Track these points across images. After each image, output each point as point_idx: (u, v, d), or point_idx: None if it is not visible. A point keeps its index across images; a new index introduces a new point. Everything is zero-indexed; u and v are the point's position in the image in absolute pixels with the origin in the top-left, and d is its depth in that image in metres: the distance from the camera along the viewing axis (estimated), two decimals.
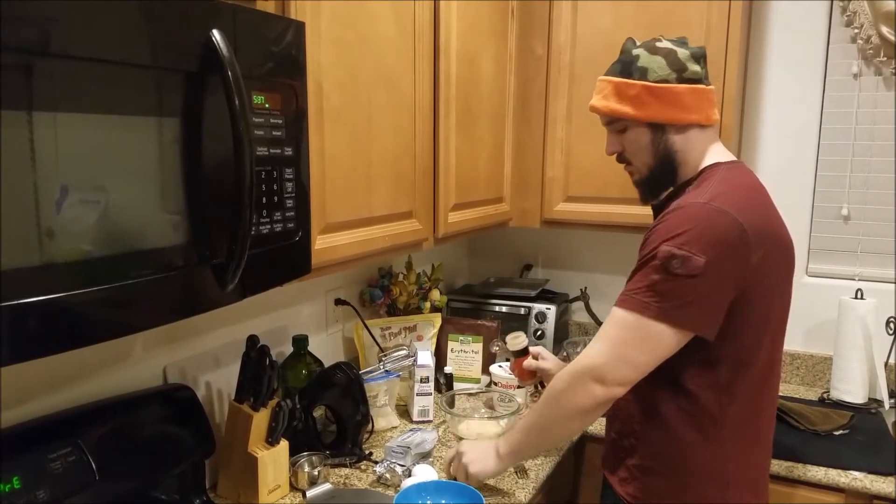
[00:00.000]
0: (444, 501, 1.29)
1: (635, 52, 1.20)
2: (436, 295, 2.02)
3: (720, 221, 1.07)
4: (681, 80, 1.17)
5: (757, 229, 1.09)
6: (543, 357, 1.61)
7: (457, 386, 1.85)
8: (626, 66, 1.20)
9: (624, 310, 1.12)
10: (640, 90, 1.17)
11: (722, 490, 1.18)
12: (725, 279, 1.07)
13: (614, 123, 1.25)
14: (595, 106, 1.25)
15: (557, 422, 1.21)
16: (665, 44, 1.20)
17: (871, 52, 1.91)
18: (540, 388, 1.63)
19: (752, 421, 1.19)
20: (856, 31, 1.92)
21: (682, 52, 1.18)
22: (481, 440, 1.37)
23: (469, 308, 2.19)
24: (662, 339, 1.10)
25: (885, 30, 1.87)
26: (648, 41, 1.22)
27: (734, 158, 1.24)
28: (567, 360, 2.03)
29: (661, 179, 1.24)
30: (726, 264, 1.07)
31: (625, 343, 1.12)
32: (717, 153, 1.23)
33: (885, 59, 1.89)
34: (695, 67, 1.18)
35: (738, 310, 1.10)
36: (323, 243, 1.22)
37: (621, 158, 1.28)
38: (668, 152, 1.21)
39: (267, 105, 0.97)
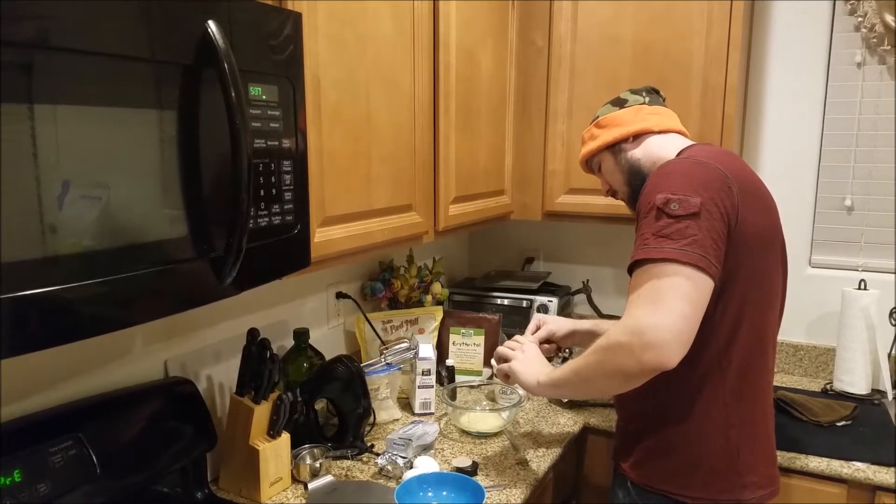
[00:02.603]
0: (445, 493, 1.29)
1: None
2: (437, 288, 2.02)
3: (702, 169, 1.13)
4: (622, 109, 1.35)
5: (738, 180, 1.13)
6: (545, 322, 1.55)
7: (458, 379, 1.85)
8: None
9: (639, 268, 1.09)
10: (592, 129, 1.39)
11: (732, 460, 1.18)
12: (721, 217, 1.09)
13: (592, 166, 1.43)
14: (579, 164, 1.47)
15: (598, 380, 1.15)
16: (617, 95, 1.39)
17: (874, 40, 1.89)
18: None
19: (750, 388, 1.19)
20: (859, 19, 1.90)
21: (626, 93, 1.38)
22: (542, 358, 1.37)
23: (471, 301, 2.19)
24: (688, 285, 1.04)
25: (889, 18, 1.85)
26: None
27: (707, 143, 1.32)
28: (568, 357, 2.03)
29: (639, 188, 1.26)
30: (718, 204, 1.09)
31: (660, 296, 1.04)
32: (686, 142, 1.31)
33: (889, 47, 1.88)
34: (636, 97, 1.36)
35: (727, 261, 1.10)
36: (322, 236, 1.22)
37: (612, 193, 1.43)
38: (631, 164, 1.33)
39: (264, 97, 0.97)
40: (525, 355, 1.37)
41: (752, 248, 1.14)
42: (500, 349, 1.42)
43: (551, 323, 1.56)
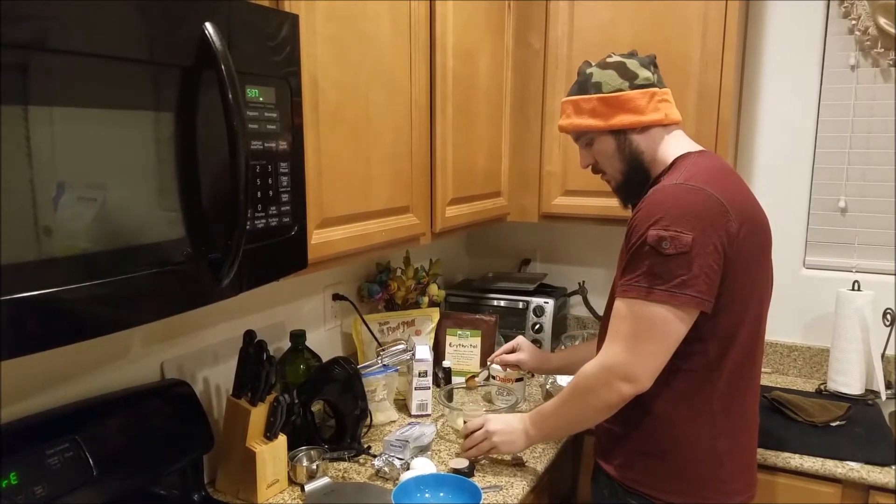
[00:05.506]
0: (442, 494, 1.29)
1: (589, 71, 1.30)
2: (434, 290, 2.02)
3: (697, 198, 1.12)
4: (633, 87, 1.25)
5: (732, 204, 1.13)
6: (521, 349, 1.66)
7: (455, 380, 1.85)
8: (582, 85, 1.30)
9: (627, 299, 1.15)
10: (596, 103, 1.27)
11: (716, 468, 1.21)
12: (714, 250, 1.11)
13: (581, 138, 1.35)
14: (560, 125, 1.36)
15: (586, 416, 1.26)
16: (615, 58, 1.29)
17: (868, 43, 1.91)
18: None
19: (739, 397, 1.22)
20: (853, 22, 1.91)
21: (632, 62, 1.27)
22: (504, 415, 1.40)
23: (467, 302, 2.20)
24: (669, 324, 1.12)
25: (882, 21, 1.87)
26: (600, 60, 1.31)
27: (703, 149, 1.29)
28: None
29: (635, 181, 1.30)
30: (711, 236, 1.10)
31: (636, 336, 1.14)
32: (686, 146, 1.29)
33: (883, 50, 1.89)
34: (646, 73, 1.27)
35: (724, 283, 1.13)
36: (320, 238, 1.22)
37: (595, 169, 1.37)
38: (634, 154, 1.28)
39: (261, 99, 0.97)
40: (495, 427, 1.37)
41: (746, 270, 1.16)
42: (473, 451, 1.40)
43: (526, 352, 1.66)
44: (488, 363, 1.76)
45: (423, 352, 1.69)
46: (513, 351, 1.68)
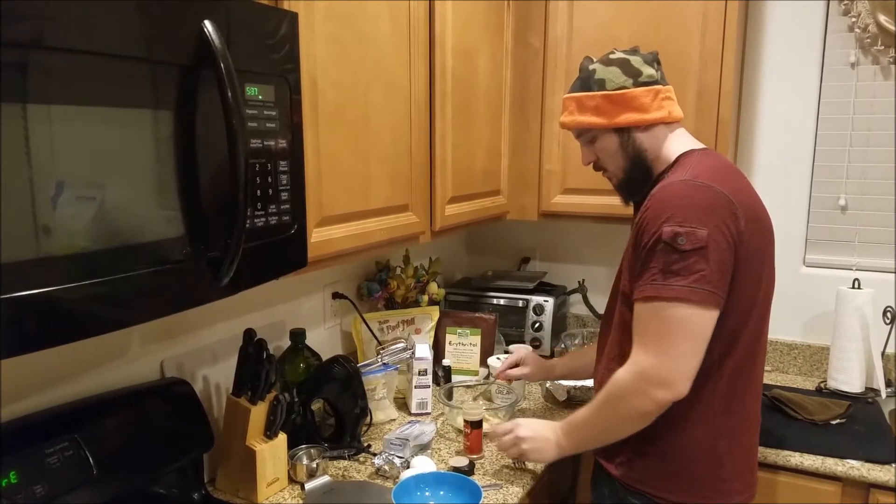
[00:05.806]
0: (442, 493, 1.29)
1: (592, 67, 1.28)
2: (434, 288, 2.02)
3: (706, 194, 1.12)
4: (637, 85, 1.24)
5: (739, 201, 1.13)
6: (525, 363, 1.66)
7: (455, 378, 1.85)
8: (585, 81, 1.28)
9: (646, 300, 1.13)
10: (600, 100, 1.25)
11: (716, 467, 1.20)
12: (727, 246, 1.10)
13: (584, 135, 1.33)
14: (563, 122, 1.33)
15: (621, 426, 1.22)
16: (618, 55, 1.28)
17: (868, 41, 1.90)
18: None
19: (740, 397, 1.22)
20: (853, 19, 1.91)
21: (636, 59, 1.26)
22: (539, 422, 1.37)
23: (467, 301, 2.20)
24: (694, 321, 1.10)
25: (882, 18, 1.86)
26: (602, 56, 1.30)
27: (705, 147, 1.29)
28: (564, 352, 2.04)
29: (637, 179, 1.29)
30: (724, 232, 1.10)
31: (663, 338, 1.11)
32: (689, 143, 1.28)
33: (883, 47, 1.89)
34: (649, 70, 1.25)
35: (732, 281, 1.13)
36: (319, 236, 1.22)
37: (597, 167, 1.35)
38: (637, 152, 1.27)
39: (260, 97, 0.97)
40: (525, 433, 1.34)
41: (752, 268, 1.16)
42: (501, 443, 1.38)
43: (531, 366, 1.66)
44: (491, 373, 1.77)
45: (423, 350, 1.69)
46: (517, 365, 1.67)
